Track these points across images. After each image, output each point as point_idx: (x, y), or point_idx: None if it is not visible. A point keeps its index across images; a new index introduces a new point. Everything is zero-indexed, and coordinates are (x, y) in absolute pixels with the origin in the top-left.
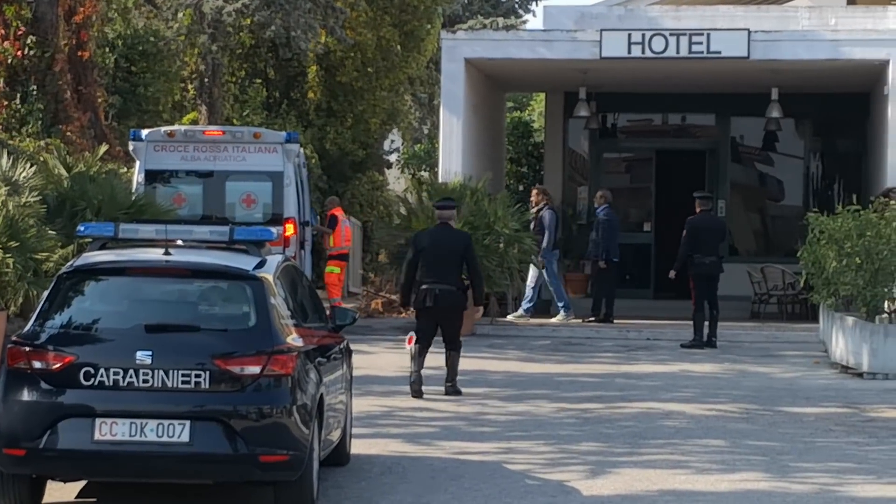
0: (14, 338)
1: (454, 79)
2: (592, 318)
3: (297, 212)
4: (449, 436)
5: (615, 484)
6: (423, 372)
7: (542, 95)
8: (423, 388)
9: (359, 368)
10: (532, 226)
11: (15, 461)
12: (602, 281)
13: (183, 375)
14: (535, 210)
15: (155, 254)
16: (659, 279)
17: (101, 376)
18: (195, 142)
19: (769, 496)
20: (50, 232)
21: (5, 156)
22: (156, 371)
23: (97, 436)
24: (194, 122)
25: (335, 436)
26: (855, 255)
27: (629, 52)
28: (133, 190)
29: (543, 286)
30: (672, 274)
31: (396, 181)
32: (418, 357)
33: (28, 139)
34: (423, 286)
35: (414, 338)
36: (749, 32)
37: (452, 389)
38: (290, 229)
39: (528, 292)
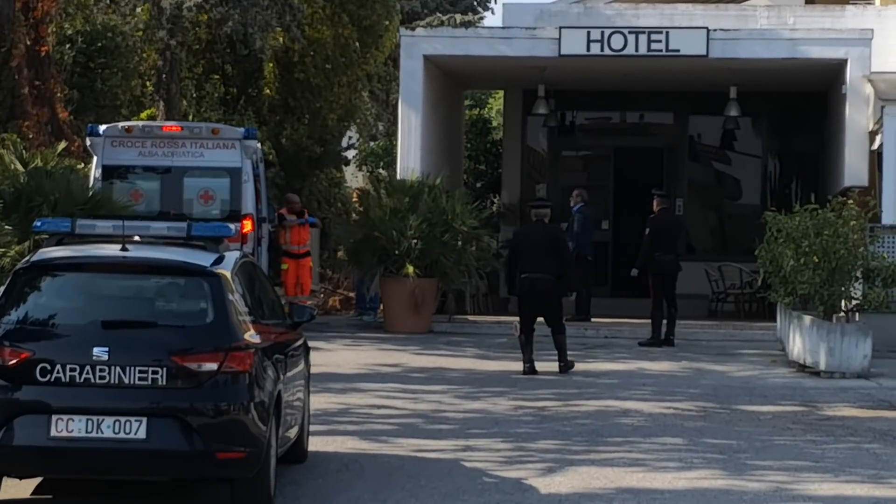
0: None
1: (413, 76)
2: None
3: (254, 208)
4: (406, 433)
5: (573, 481)
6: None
7: (501, 93)
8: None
9: (316, 366)
10: None
11: None
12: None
13: (140, 372)
14: None
15: (112, 249)
16: (617, 277)
17: (58, 372)
18: (153, 137)
19: (726, 494)
20: (6, 227)
21: None
22: (112, 367)
23: (53, 432)
24: (152, 117)
25: (293, 433)
26: (812, 254)
27: (588, 49)
28: (90, 185)
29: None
30: (634, 272)
31: (354, 178)
32: (527, 346)
33: None
34: (522, 275)
35: (519, 327)
36: (708, 31)
37: (566, 367)
38: (247, 226)
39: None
